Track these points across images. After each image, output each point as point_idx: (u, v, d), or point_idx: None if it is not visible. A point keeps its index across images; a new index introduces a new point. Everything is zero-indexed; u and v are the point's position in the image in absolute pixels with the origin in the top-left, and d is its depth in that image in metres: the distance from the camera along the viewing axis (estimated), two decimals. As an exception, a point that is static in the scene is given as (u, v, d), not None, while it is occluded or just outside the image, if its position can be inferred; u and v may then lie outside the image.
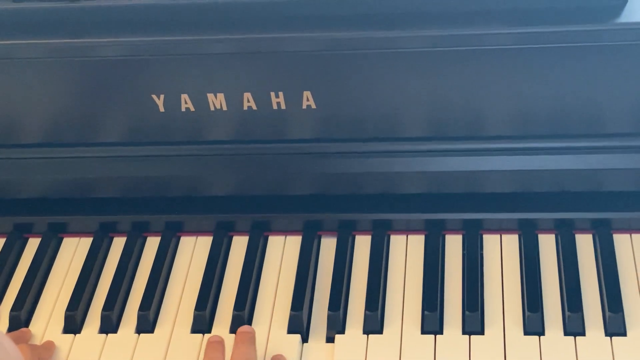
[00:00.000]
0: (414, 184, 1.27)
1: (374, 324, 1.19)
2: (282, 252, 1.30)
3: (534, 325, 1.17)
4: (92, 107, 1.25)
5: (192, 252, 1.32)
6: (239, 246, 1.32)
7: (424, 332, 1.18)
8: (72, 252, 1.34)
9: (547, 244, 1.26)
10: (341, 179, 1.27)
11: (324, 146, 1.25)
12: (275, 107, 1.21)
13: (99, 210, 1.34)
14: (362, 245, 1.29)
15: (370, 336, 1.19)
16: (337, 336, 1.19)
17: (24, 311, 1.26)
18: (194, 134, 1.26)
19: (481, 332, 1.18)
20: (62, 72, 1.21)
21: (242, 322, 1.21)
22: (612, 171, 1.22)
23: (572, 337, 1.15)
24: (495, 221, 1.28)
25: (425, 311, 1.19)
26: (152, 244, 1.33)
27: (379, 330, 1.19)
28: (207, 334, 1.21)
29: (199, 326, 1.22)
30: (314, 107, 1.21)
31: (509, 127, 1.21)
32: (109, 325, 1.24)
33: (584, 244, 1.26)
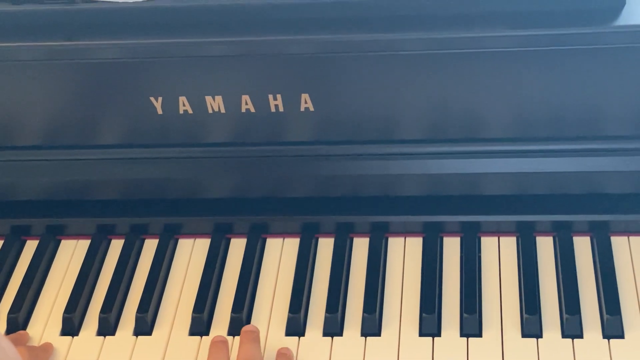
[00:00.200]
0: (412, 187, 1.27)
1: (371, 327, 1.19)
2: (280, 254, 1.30)
3: (531, 327, 1.17)
4: (90, 109, 1.25)
5: (190, 255, 1.32)
6: (236, 248, 1.32)
7: (422, 334, 1.18)
8: (70, 255, 1.34)
9: (545, 246, 1.26)
10: (339, 182, 1.27)
11: (321, 149, 1.25)
12: (273, 110, 1.21)
13: (97, 212, 1.34)
14: (360, 247, 1.29)
15: (368, 338, 1.19)
16: (335, 338, 1.19)
17: (21, 313, 1.25)
18: (192, 136, 1.25)
19: (479, 334, 1.18)
20: (60, 74, 1.21)
21: (240, 324, 1.21)
22: (610, 174, 1.22)
23: (569, 340, 1.16)
24: (493, 223, 1.28)
25: (423, 313, 1.19)
26: (150, 246, 1.33)
27: (377, 332, 1.19)
28: (205, 336, 1.21)
29: (197, 328, 1.22)
30: (312, 109, 1.21)
31: (507, 129, 1.21)
32: (107, 327, 1.23)
33: (582, 247, 1.26)
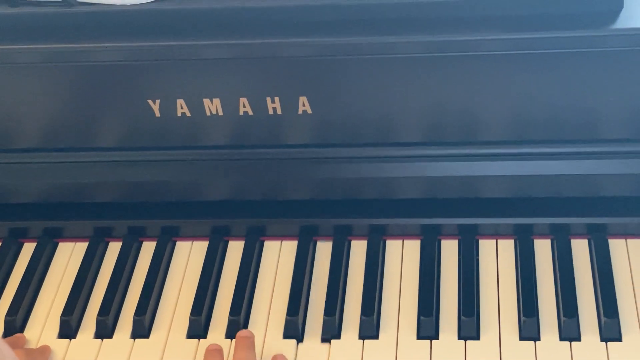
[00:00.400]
0: (410, 189, 1.27)
1: (369, 329, 1.19)
2: (278, 257, 1.30)
3: (529, 330, 1.17)
4: (87, 111, 1.24)
5: (188, 257, 1.32)
6: (234, 251, 1.31)
7: (419, 337, 1.18)
8: (68, 257, 1.34)
9: (543, 249, 1.26)
10: (337, 184, 1.27)
11: (319, 151, 1.25)
12: (271, 113, 1.21)
13: (95, 215, 1.34)
14: (358, 250, 1.29)
15: (366, 341, 1.19)
16: (333, 341, 1.19)
17: (19, 316, 1.25)
18: (189, 139, 1.25)
19: (477, 337, 1.17)
20: (58, 76, 1.21)
21: (237, 327, 1.21)
22: (608, 176, 1.22)
23: (567, 342, 1.15)
24: (491, 226, 1.28)
25: (421, 316, 1.19)
26: (147, 249, 1.33)
27: (375, 335, 1.19)
28: (203, 339, 1.21)
29: (195, 331, 1.22)
30: (310, 112, 1.21)
31: (504, 132, 1.21)
32: (105, 330, 1.23)
33: (580, 249, 1.26)
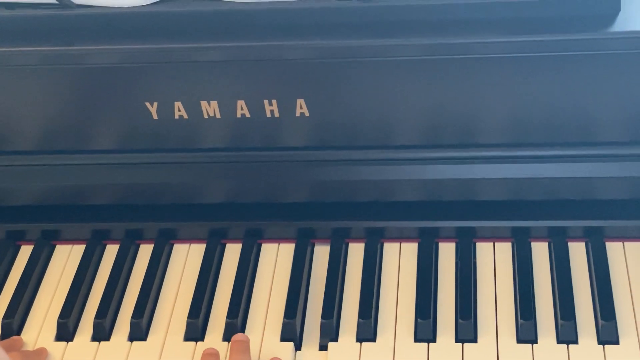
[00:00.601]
0: (408, 192, 1.27)
1: (367, 332, 1.19)
2: (276, 259, 1.30)
3: (527, 333, 1.17)
4: (85, 114, 1.24)
5: (185, 260, 1.32)
6: (232, 254, 1.31)
7: (417, 340, 1.18)
8: (65, 260, 1.34)
9: (540, 251, 1.26)
10: (335, 187, 1.27)
11: (317, 154, 1.25)
12: (269, 115, 1.21)
13: (92, 217, 1.34)
14: (356, 252, 1.29)
15: (363, 344, 1.19)
16: (331, 344, 1.19)
17: (16, 319, 1.25)
18: (187, 141, 1.25)
19: (474, 340, 1.17)
20: (55, 79, 1.21)
21: (235, 329, 1.21)
22: (605, 179, 1.22)
23: (565, 345, 1.15)
24: (488, 229, 1.28)
25: (418, 319, 1.19)
26: (145, 252, 1.33)
27: (372, 338, 1.19)
28: (200, 342, 1.21)
29: (192, 334, 1.22)
30: (307, 114, 1.21)
31: (502, 135, 1.21)
32: (102, 332, 1.23)
33: (577, 252, 1.26)
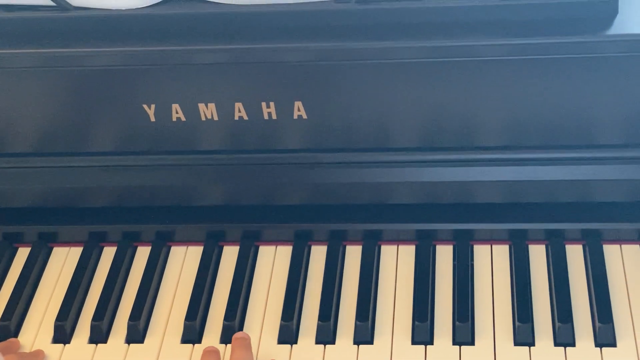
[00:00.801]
0: (405, 194, 1.27)
1: (364, 334, 1.19)
2: (273, 262, 1.30)
3: (524, 335, 1.17)
4: (82, 116, 1.24)
5: (183, 262, 1.32)
6: (229, 256, 1.31)
7: (414, 342, 1.18)
8: (62, 262, 1.33)
9: (538, 254, 1.26)
10: (332, 189, 1.27)
11: (314, 156, 1.25)
12: (266, 117, 1.21)
13: (89, 219, 1.34)
14: (353, 255, 1.29)
15: (360, 346, 1.19)
16: (328, 346, 1.19)
17: (13, 321, 1.25)
18: (185, 143, 1.25)
19: (471, 342, 1.17)
20: (53, 81, 1.21)
21: (232, 332, 1.21)
22: (602, 182, 1.22)
23: (562, 348, 1.16)
24: (485, 232, 1.28)
25: (415, 321, 1.19)
26: (142, 254, 1.33)
27: (370, 340, 1.19)
28: (198, 344, 1.21)
29: (189, 336, 1.22)
30: (305, 117, 1.21)
31: (499, 137, 1.21)
32: (99, 335, 1.23)
33: (574, 255, 1.26)
